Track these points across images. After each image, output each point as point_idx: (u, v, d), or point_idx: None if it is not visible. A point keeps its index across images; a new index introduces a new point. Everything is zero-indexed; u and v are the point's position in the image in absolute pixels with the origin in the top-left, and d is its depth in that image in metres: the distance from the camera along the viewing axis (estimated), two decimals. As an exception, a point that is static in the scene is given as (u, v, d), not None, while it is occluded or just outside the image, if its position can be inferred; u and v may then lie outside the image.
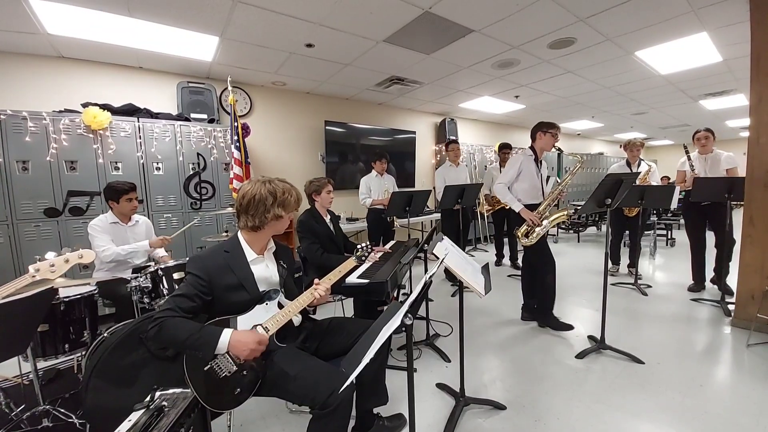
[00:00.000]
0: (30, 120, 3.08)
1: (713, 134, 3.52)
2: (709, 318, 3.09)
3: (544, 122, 2.94)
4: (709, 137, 3.49)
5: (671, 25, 3.28)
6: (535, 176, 2.98)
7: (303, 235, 2.60)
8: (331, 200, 2.77)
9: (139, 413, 1.20)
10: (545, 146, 2.95)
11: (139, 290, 2.20)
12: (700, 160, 3.57)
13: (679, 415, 1.85)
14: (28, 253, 3.07)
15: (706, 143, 3.51)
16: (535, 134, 2.98)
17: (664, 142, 12.39)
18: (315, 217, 2.68)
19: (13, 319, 1.44)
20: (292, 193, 1.53)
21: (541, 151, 2.99)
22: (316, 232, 2.62)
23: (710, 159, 3.52)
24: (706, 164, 3.53)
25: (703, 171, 3.53)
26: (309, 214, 2.68)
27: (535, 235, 2.84)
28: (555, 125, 2.93)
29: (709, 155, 3.53)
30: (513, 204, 2.92)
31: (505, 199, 2.97)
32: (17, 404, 1.94)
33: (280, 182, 1.51)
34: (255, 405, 2.02)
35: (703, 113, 7.21)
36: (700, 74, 4.73)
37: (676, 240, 6.30)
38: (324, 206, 2.76)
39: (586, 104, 6.47)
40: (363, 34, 3.33)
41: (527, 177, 2.97)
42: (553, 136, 2.91)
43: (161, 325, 1.23)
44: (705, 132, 3.51)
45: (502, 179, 3.00)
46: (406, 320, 1.13)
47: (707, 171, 3.51)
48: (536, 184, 3.00)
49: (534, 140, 3.00)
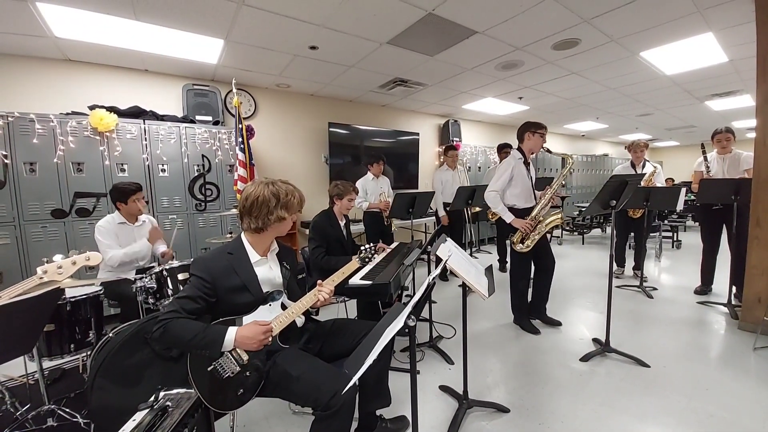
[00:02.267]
0: (37, 122, 3.12)
1: (734, 134, 3.45)
2: (715, 321, 3.05)
3: (532, 122, 2.89)
4: (730, 138, 3.42)
5: (676, 26, 3.26)
6: (526, 179, 2.93)
7: (313, 236, 2.60)
8: (350, 207, 2.77)
9: (143, 413, 1.21)
10: (534, 147, 2.90)
11: (144, 291, 2.21)
12: (719, 160, 3.50)
13: (685, 418, 1.83)
14: (36, 253, 3.11)
15: (726, 144, 3.43)
16: (522, 135, 2.93)
17: (670, 143, 12.29)
18: (330, 219, 2.69)
19: (19, 319, 1.46)
20: (295, 195, 1.54)
21: (530, 152, 2.94)
22: (327, 235, 2.62)
23: (729, 159, 3.45)
24: (724, 164, 3.46)
25: (721, 171, 3.46)
26: (325, 215, 2.68)
27: (531, 241, 2.82)
28: (542, 125, 2.88)
29: (728, 155, 3.46)
30: (504, 215, 2.85)
31: (497, 209, 2.87)
32: (22, 403, 1.96)
33: (283, 184, 1.52)
34: (258, 406, 2.02)
35: (709, 114, 7.14)
36: (705, 75, 4.69)
37: (682, 242, 6.24)
38: (342, 211, 2.76)
39: (591, 105, 6.44)
40: (367, 36, 3.34)
41: (519, 181, 2.90)
42: (541, 136, 2.87)
43: (166, 326, 1.24)
44: (726, 133, 3.43)
45: (494, 187, 2.88)
46: (410, 322, 1.13)
47: (725, 171, 3.44)
48: (528, 187, 2.95)
49: (521, 141, 2.95)
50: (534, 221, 2.82)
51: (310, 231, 2.61)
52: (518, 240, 2.87)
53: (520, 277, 3.00)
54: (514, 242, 2.89)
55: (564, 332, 2.95)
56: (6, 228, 3.05)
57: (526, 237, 2.84)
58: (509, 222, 2.85)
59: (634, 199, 3.60)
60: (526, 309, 3.06)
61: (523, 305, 3.05)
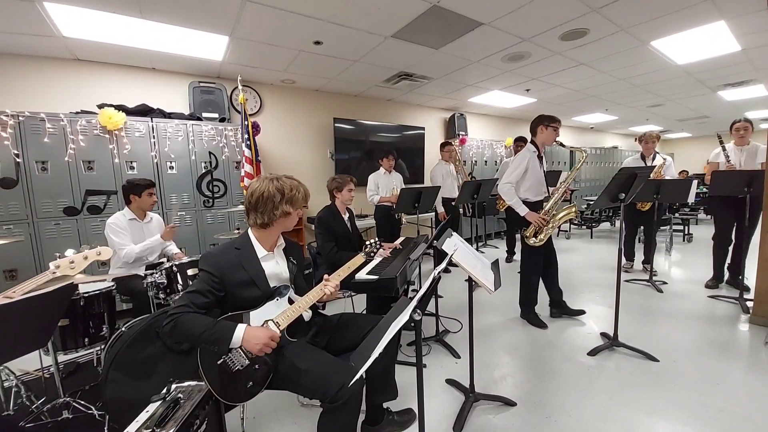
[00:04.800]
0: (48, 121, 3.17)
1: (752, 125, 3.40)
2: (726, 315, 3.01)
3: (545, 116, 2.89)
4: (748, 128, 3.37)
5: (688, 14, 3.18)
6: (539, 172, 2.95)
7: (320, 231, 2.61)
8: (351, 198, 2.78)
9: (156, 405, 1.25)
10: (547, 140, 2.90)
11: (154, 286, 2.26)
12: (736, 151, 3.45)
13: (695, 413, 1.82)
14: (49, 250, 3.17)
15: (744, 134, 3.38)
16: (535, 128, 2.93)
17: (682, 134, 12.05)
18: (334, 214, 2.69)
19: (34, 314, 1.50)
20: (300, 190, 1.54)
21: (543, 145, 2.94)
22: (334, 229, 2.63)
23: (746, 151, 3.40)
24: (741, 156, 3.41)
25: (738, 163, 3.41)
26: (328, 210, 2.69)
27: (544, 235, 2.82)
28: (556, 119, 2.88)
29: (745, 147, 3.41)
30: (519, 207, 2.86)
31: (512, 201, 2.89)
32: (38, 397, 2.01)
33: (288, 179, 1.53)
34: (267, 398, 2.05)
35: (722, 104, 6.97)
36: (718, 64, 4.58)
37: (693, 235, 6.14)
38: (344, 204, 2.77)
39: (600, 97, 6.33)
40: (371, 30, 3.32)
41: (533, 174, 2.93)
42: (554, 130, 2.87)
43: (176, 320, 1.26)
44: (744, 122, 3.38)
45: (509, 179, 2.90)
46: (415, 316, 1.13)
47: (742, 163, 3.39)
48: (541, 180, 2.97)
49: (534, 135, 2.96)
50: (548, 215, 2.82)
51: (316, 227, 2.62)
52: (531, 234, 2.87)
53: (532, 272, 2.99)
54: (527, 236, 2.88)
55: (572, 326, 2.93)
56: (20, 225, 3.11)
57: (540, 231, 2.84)
58: (523, 215, 2.85)
59: (645, 192, 3.55)
60: (534, 303, 3.04)
61: (532, 300, 3.03)
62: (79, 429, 1.86)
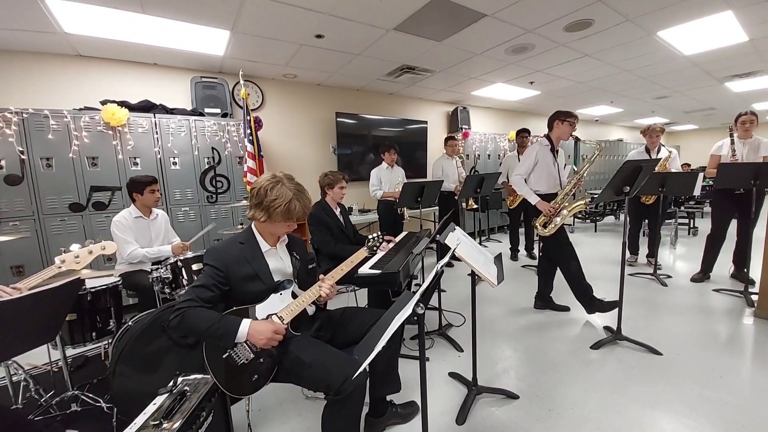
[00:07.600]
0: (52, 118, 3.18)
1: (757, 117, 3.35)
2: (731, 309, 2.99)
3: (562, 111, 2.91)
4: (753, 120, 3.32)
5: (695, 3, 3.12)
6: (551, 166, 2.96)
7: (315, 227, 2.65)
8: (342, 195, 2.82)
9: (163, 397, 1.27)
10: (562, 135, 2.91)
11: (160, 281, 2.28)
12: (738, 144, 3.41)
13: (698, 406, 1.82)
14: (55, 246, 3.21)
15: (750, 127, 3.34)
16: (552, 123, 2.95)
17: (688, 126, 11.90)
18: (325, 209, 2.73)
19: (42, 309, 1.51)
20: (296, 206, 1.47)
21: (558, 139, 2.95)
22: (327, 224, 2.68)
23: (749, 144, 3.36)
24: (744, 149, 3.38)
25: (740, 156, 3.37)
26: (318, 206, 2.72)
27: (553, 226, 2.81)
28: (573, 114, 2.89)
29: (748, 140, 3.37)
30: (529, 196, 2.93)
31: (522, 191, 2.97)
32: (46, 390, 2.05)
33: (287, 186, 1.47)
34: (272, 391, 2.08)
35: (729, 96, 6.88)
36: (725, 55, 4.51)
37: (698, 229, 6.09)
38: (335, 200, 2.80)
39: (605, 89, 6.25)
40: (373, 23, 3.29)
41: (543, 167, 2.95)
42: (570, 124, 2.88)
43: (183, 315, 1.28)
44: (750, 115, 3.33)
45: (519, 170, 2.99)
46: (418, 309, 1.14)
47: (744, 156, 3.35)
48: (553, 174, 2.97)
49: (551, 129, 2.97)
50: (557, 205, 2.83)
51: (310, 224, 2.66)
52: (541, 223, 2.88)
53: (568, 260, 2.85)
54: (537, 226, 2.89)
55: (575, 320, 2.93)
56: (26, 222, 3.14)
57: (549, 221, 2.84)
58: (534, 204, 2.90)
59: (650, 185, 3.52)
60: (589, 291, 2.83)
61: (584, 288, 2.83)
62: (88, 422, 1.89)
